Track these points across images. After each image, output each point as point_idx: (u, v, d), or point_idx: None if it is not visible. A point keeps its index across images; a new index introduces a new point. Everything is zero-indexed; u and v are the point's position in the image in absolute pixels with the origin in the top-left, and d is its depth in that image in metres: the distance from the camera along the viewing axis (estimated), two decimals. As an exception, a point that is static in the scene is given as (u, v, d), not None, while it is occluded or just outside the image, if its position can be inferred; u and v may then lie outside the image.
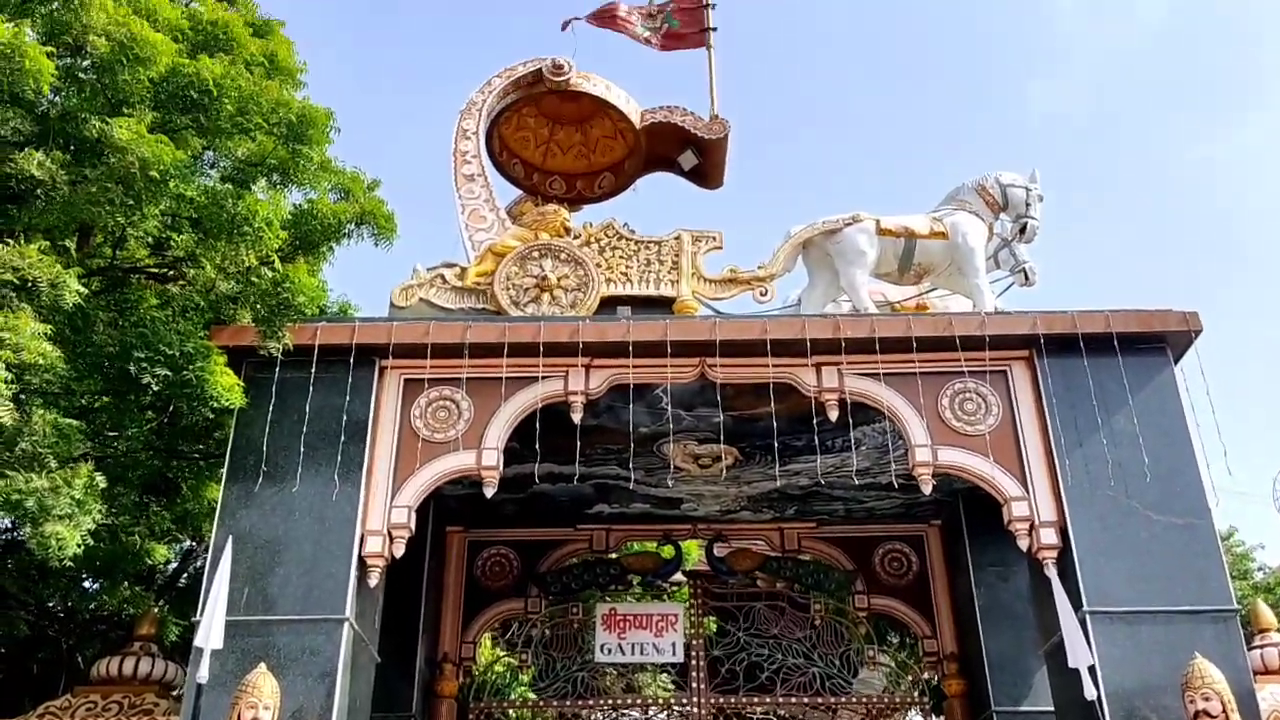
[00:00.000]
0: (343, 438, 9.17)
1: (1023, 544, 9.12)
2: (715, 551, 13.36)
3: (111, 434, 9.49)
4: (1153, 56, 31.45)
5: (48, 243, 7.98)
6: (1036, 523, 9.05)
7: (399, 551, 9.10)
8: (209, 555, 8.83)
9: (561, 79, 11.76)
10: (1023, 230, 11.21)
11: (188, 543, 13.58)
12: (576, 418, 9.54)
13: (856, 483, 11.52)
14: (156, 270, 9.83)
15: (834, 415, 9.60)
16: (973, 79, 32.61)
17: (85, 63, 8.35)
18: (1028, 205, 11.22)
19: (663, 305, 10.59)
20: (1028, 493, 9.13)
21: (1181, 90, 31.45)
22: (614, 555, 13.53)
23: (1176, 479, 8.99)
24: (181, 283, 9.45)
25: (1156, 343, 9.55)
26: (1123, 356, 9.41)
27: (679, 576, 13.86)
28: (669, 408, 10.33)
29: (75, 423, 7.90)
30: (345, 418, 9.25)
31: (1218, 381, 9.34)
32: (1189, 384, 9.41)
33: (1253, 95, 31.30)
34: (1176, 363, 9.60)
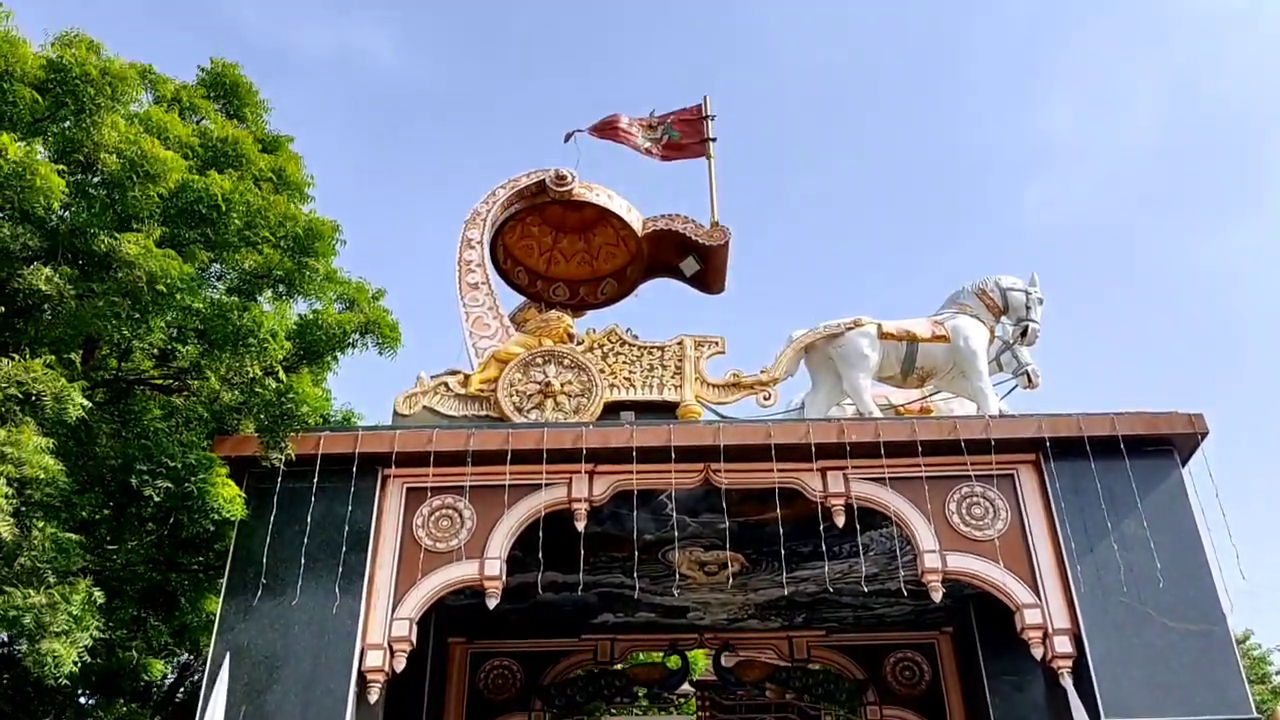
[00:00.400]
0: (344, 548, 9.08)
1: (1036, 653, 8.94)
2: (723, 661, 13.12)
3: (111, 547, 9.41)
4: (1147, 165, 32.12)
5: (53, 356, 8.04)
6: (1050, 630, 8.88)
7: (400, 665, 8.93)
8: (206, 671, 8.67)
9: (564, 189, 11.97)
10: (1024, 333, 11.28)
11: (185, 657, 13.35)
12: (580, 525, 9.45)
13: (865, 589, 11.36)
14: (161, 381, 9.88)
15: (840, 521, 9.50)
16: (971, 184, 33.26)
17: (96, 179, 8.51)
18: (1028, 309, 11.30)
19: (666, 410, 10.60)
20: (1040, 600, 8.99)
21: (1176, 196, 32.05)
22: (619, 666, 13.28)
23: (1190, 584, 8.85)
24: (185, 394, 9.48)
25: (1163, 445, 9.51)
26: (1130, 459, 9.35)
27: (686, 688, 13.60)
28: (674, 514, 10.25)
29: (75, 536, 7.85)
30: (347, 528, 9.18)
31: (1226, 481, 9.29)
32: (1197, 486, 9.35)
33: (1245, 201, 31.87)
34: (1184, 464, 9.54)
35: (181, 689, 13.86)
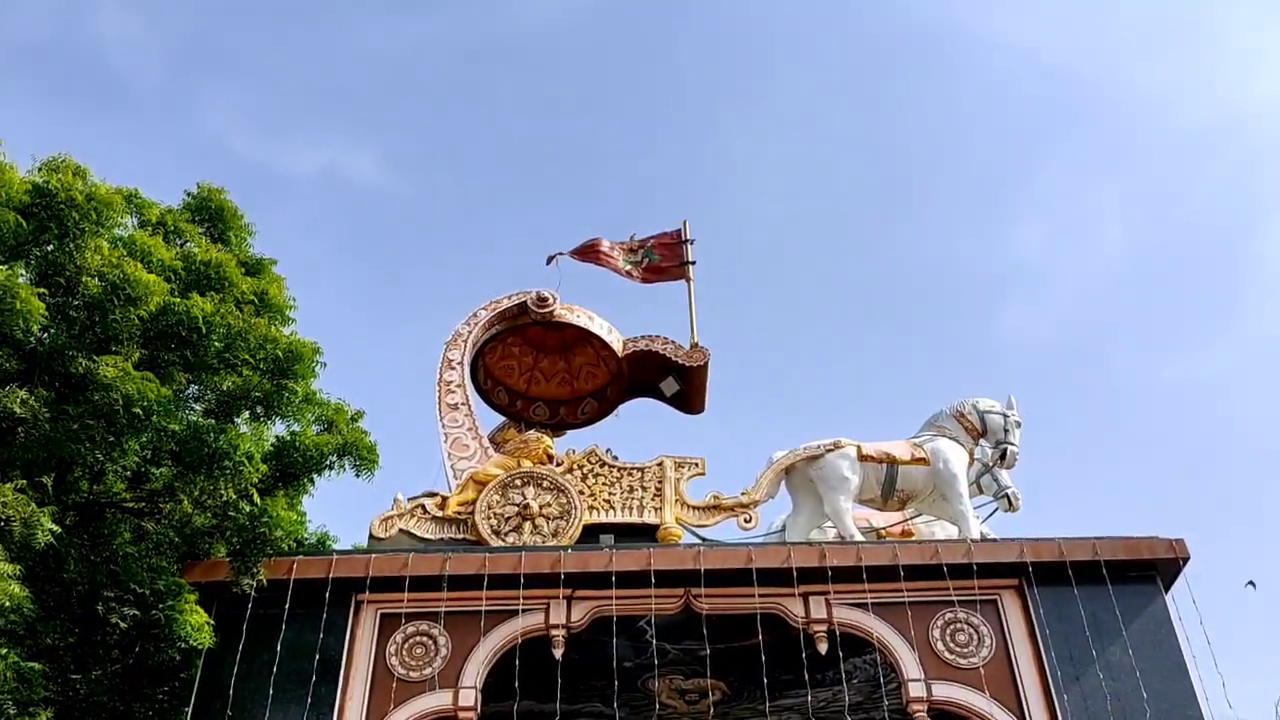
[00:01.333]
0: (314, 678, 8.86)
1: (1025, 786, 8.74)
2: (705, 794, 12.69)
3: (74, 676, 9.14)
4: (1118, 284, 32.78)
5: (24, 480, 7.94)
6: (1038, 763, 8.70)
7: (370, 802, 8.64)
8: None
9: (546, 311, 12.10)
10: (1003, 456, 11.32)
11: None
12: (558, 653, 9.28)
13: (850, 719, 11.10)
14: (133, 504, 9.75)
15: (823, 648, 9.38)
16: (945, 303, 33.78)
17: (77, 301, 8.57)
18: (1006, 431, 11.39)
19: (646, 533, 10.51)
20: (1027, 730, 8.82)
21: (1147, 315, 32.64)
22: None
23: (1176, 714, 8.73)
24: (157, 517, 9.36)
25: (1146, 570, 9.51)
26: (1113, 585, 9.32)
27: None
28: (654, 640, 10.08)
29: (37, 665, 7.66)
30: (318, 656, 8.97)
31: (1209, 608, 9.23)
32: (1181, 613, 9.31)
33: (1218, 320, 32.49)
34: (1167, 590, 9.52)
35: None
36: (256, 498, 8.83)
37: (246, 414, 9.55)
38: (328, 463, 9.56)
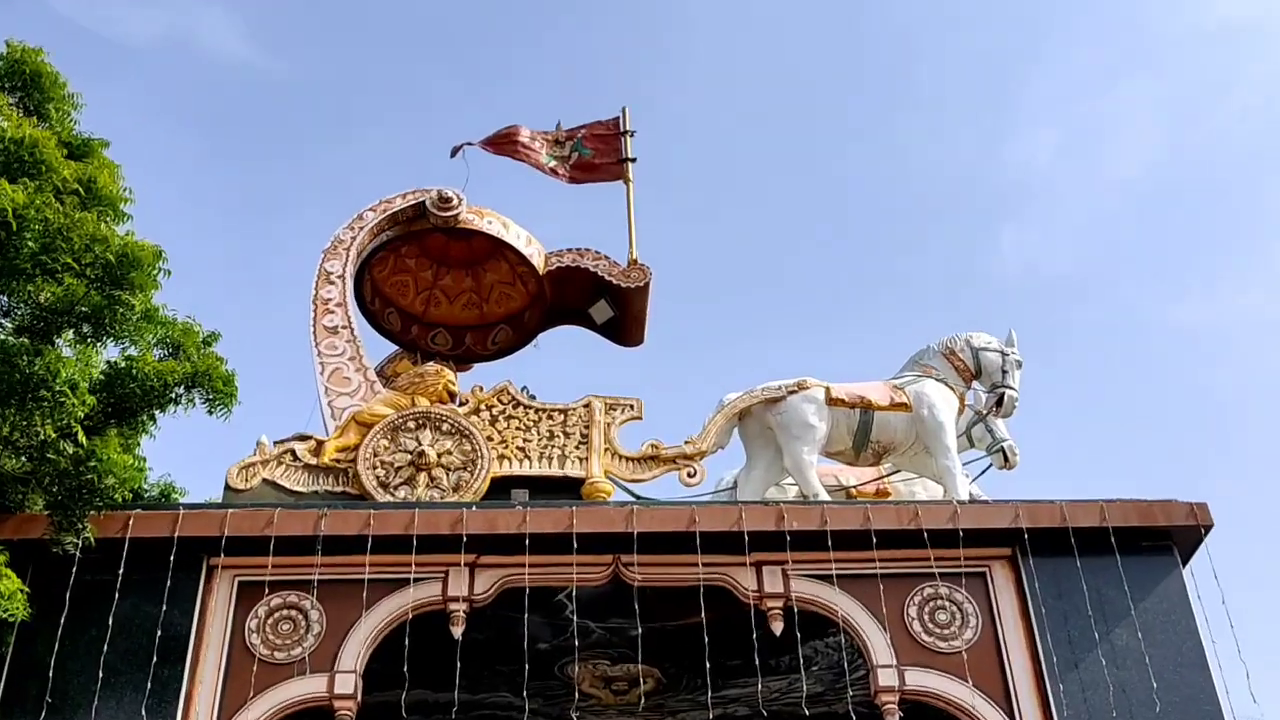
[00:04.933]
0: (155, 658, 8.77)
1: (1011, 790, 8.99)
2: (633, 801, 12.91)
3: None
4: (1130, 214, 33.13)
5: None
6: (1027, 764, 8.94)
7: (223, 808, 8.63)
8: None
9: (449, 214, 11.94)
10: (999, 402, 11.46)
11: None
12: (457, 632, 9.30)
13: (807, 713, 11.32)
14: (-74, 443, 9.51)
15: (778, 628, 9.50)
16: (933, 223, 33.85)
17: None
18: (1004, 373, 11.52)
19: (569, 488, 10.56)
20: (1015, 726, 9.06)
21: (1171, 244, 33.03)
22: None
23: (1192, 709, 9.00)
24: (-44, 462, 9.13)
25: (1161, 539, 9.74)
26: (1122, 556, 9.54)
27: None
28: (575, 617, 10.13)
29: None
30: (160, 632, 8.88)
31: (1233, 586, 9.48)
32: (1200, 590, 9.55)
33: (1248, 253, 33.05)
34: (1185, 564, 9.76)
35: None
36: (82, 437, 8.62)
37: (70, 333, 9.27)
38: (173, 395, 9.34)
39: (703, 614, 9.67)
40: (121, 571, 8.94)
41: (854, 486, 12.04)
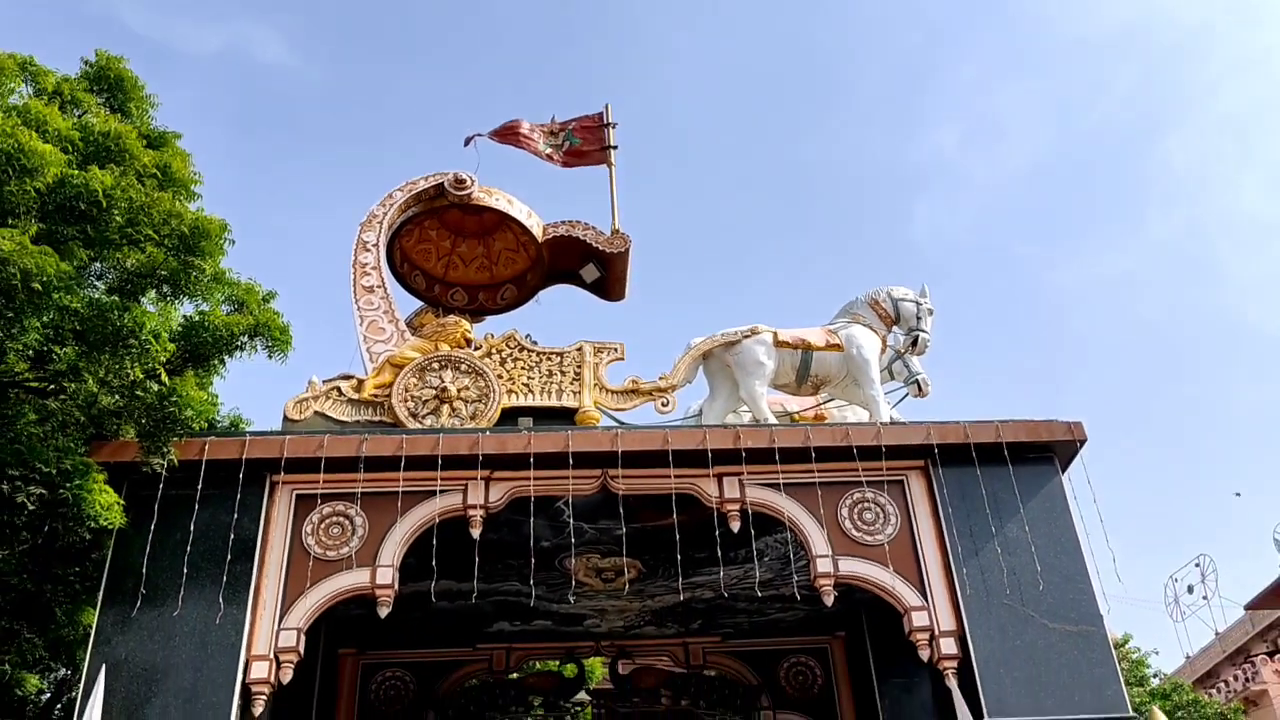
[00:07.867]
0: (229, 557, 8.84)
1: (924, 654, 9.16)
2: (619, 669, 13.12)
3: (-20, 556, 9.00)
4: (1029, 183, 33.26)
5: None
6: (936, 633, 9.11)
7: (286, 677, 8.71)
8: (82, 685, 8.35)
9: (463, 193, 11.88)
10: (914, 343, 11.59)
11: (62, 671, 12.82)
12: (475, 533, 9.38)
13: (760, 595, 11.50)
14: (36, 384, 9.47)
15: (735, 526, 9.61)
16: (862, 198, 33.97)
17: (-32, 173, 8.14)
18: (919, 319, 11.62)
19: (565, 416, 10.58)
20: (927, 603, 9.22)
21: (1057, 216, 33.24)
22: (514, 675, 13.19)
23: (1069, 587, 9.19)
24: (62, 397, 9.12)
25: (1045, 452, 9.87)
26: (1013, 466, 9.68)
27: (582, 696, 13.54)
28: (571, 520, 10.24)
29: (-60, 545, 7.49)
30: (232, 536, 8.94)
31: (1104, 490, 9.65)
32: (1077, 493, 9.73)
33: (1101, 232, 33.25)
34: (1064, 471, 9.91)
35: (59, 705, 13.31)
36: (165, 377, 8.61)
37: (152, 293, 9.24)
38: (238, 343, 9.34)
39: (674, 516, 9.76)
40: (199, 487, 8.98)
41: (797, 412, 12.12)
